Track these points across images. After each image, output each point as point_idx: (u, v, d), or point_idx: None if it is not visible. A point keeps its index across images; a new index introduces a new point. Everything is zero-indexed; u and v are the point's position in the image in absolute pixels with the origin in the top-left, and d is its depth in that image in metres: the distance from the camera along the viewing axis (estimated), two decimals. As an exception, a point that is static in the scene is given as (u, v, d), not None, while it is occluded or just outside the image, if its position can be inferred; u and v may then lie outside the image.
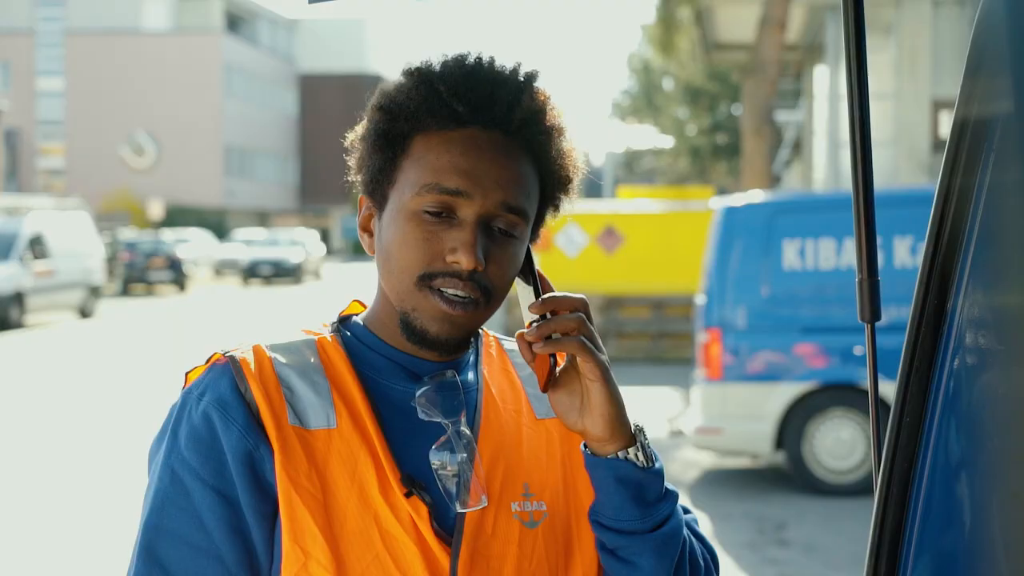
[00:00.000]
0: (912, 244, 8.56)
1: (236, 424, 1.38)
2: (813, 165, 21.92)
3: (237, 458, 1.37)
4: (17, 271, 22.39)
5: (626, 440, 1.39)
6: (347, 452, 1.39)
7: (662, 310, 17.00)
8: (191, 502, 1.37)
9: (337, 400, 1.42)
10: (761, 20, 16.56)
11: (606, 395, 1.37)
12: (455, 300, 1.38)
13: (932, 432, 1.23)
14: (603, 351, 1.38)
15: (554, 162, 1.45)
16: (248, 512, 1.37)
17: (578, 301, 1.38)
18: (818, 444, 8.74)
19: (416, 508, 1.37)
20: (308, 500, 1.36)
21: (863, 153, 1.33)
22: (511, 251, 1.41)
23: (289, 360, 1.44)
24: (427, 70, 1.42)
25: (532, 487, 1.45)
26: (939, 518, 1.24)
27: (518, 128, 1.41)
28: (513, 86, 1.42)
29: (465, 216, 1.38)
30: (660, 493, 1.40)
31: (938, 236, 1.24)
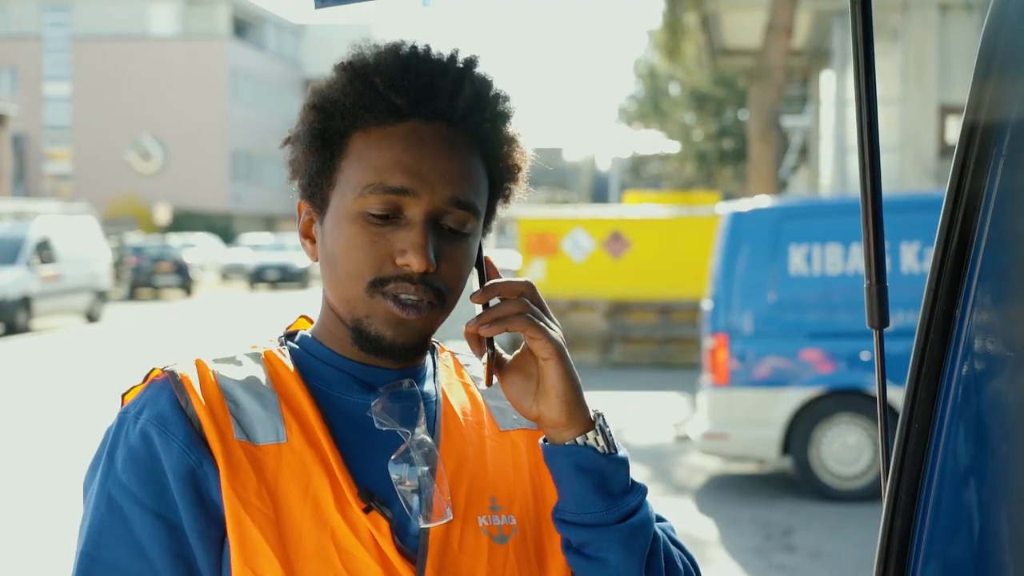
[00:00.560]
0: (919, 250, 8.55)
1: (177, 440, 1.29)
2: (819, 170, 21.90)
3: (179, 477, 1.28)
4: (24, 275, 22.42)
5: (584, 425, 1.31)
6: (299, 467, 1.31)
7: (668, 315, 16.99)
8: (130, 529, 1.28)
9: (286, 413, 1.34)
10: (767, 26, 16.55)
11: (560, 373, 1.29)
12: (408, 304, 1.31)
13: (941, 438, 1.23)
14: (556, 329, 1.31)
15: (502, 151, 1.38)
16: (192, 536, 1.28)
17: (521, 285, 1.32)
18: (825, 450, 8.73)
19: (376, 524, 1.30)
20: (258, 519, 1.28)
21: (871, 158, 1.32)
22: (464, 249, 1.34)
23: (233, 374, 1.36)
24: (361, 63, 1.35)
25: (499, 500, 1.38)
26: (948, 524, 1.23)
27: (461, 118, 1.34)
28: (454, 74, 1.34)
29: (413, 215, 1.31)
30: (625, 484, 1.32)
31: (947, 241, 1.23)
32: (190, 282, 35.31)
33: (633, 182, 47.64)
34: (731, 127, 38.60)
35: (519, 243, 17.54)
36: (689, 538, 7.86)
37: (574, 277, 17.16)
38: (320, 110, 1.36)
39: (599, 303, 17.05)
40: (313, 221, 1.40)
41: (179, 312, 28.94)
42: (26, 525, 8.17)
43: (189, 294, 35.35)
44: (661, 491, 9.24)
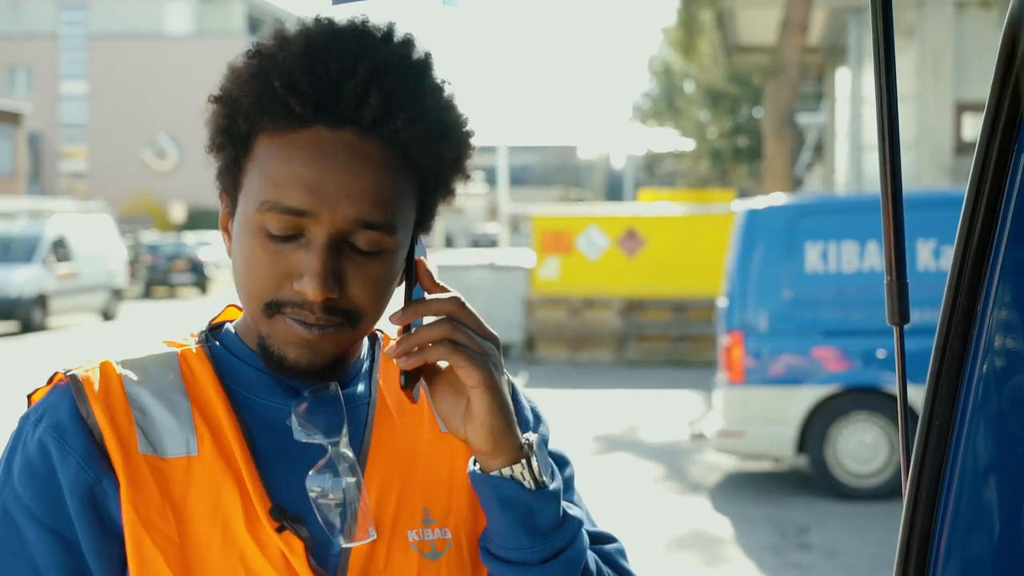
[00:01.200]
0: (935, 247, 8.52)
1: (74, 454, 1.20)
2: (835, 168, 21.86)
3: (75, 494, 1.19)
4: (40, 274, 22.52)
5: (511, 455, 1.21)
6: (209, 482, 1.21)
7: (683, 313, 16.97)
8: (24, 546, 1.19)
9: (199, 422, 1.24)
10: (782, 23, 16.53)
11: (486, 404, 1.19)
12: (311, 325, 1.20)
13: (962, 436, 1.23)
14: (489, 353, 1.21)
15: (431, 152, 1.23)
16: (90, 556, 1.19)
17: (447, 303, 1.21)
18: (840, 448, 8.71)
19: (289, 544, 1.20)
20: (160, 540, 1.19)
21: (891, 154, 1.32)
22: (379, 268, 1.21)
23: (143, 378, 1.26)
24: (265, 55, 1.21)
25: (433, 513, 1.28)
26: (968, 522, 1.23)
27: (373, 124, 1.19)
28: (363, 74, 1.18)
29: (313, 236, 1.18)
30: (554, 520, 1.22)
31: (968, 237, 1.23)
32: (205, 280, 35.41)
33: (647, 180, 47.64)
34: (746, 124, 38.56)
35: (533, 241, 17.54)
36: (704, 536, 7.85)
37: (589, 275, 17.15)
38: (224, 104, 1.24)
39: (614, 301, 17.04)
40: (228, 216, 1.30)
41: (194, 310, 29.03)
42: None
43: (204, 292, 35.44)
44: (676, 489, 9.23)
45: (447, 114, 1.25)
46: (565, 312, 17.20)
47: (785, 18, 16.40)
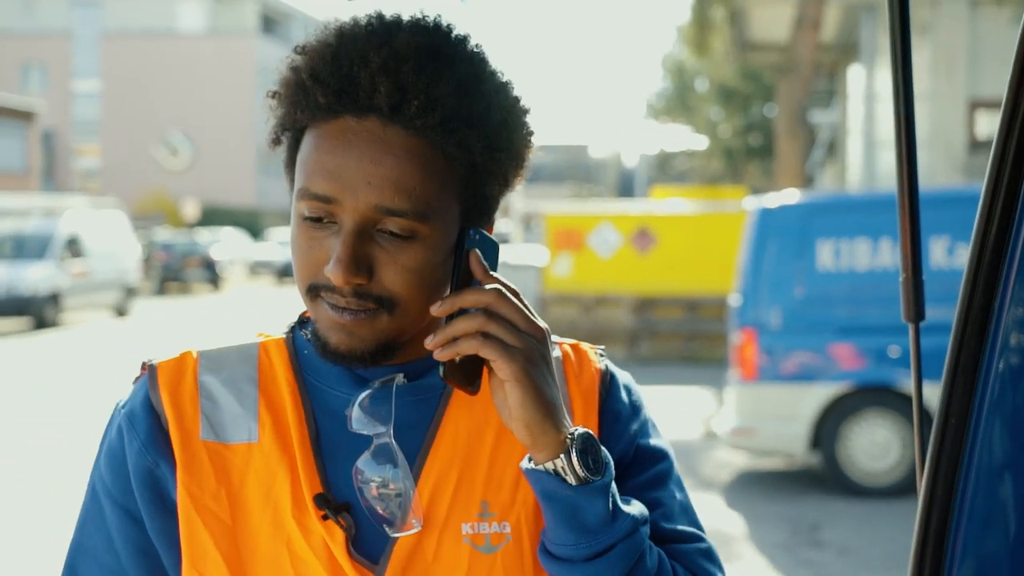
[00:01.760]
0: (949, 245, 8.50)
1: (138, 439, 1.29)
2: (847, 165, 21.80)
3: (137, 476, 1.28)
4: (54, 271, 22.57)
5: (553, 450, 1.19)
6: (265, 468, 1.26)
7: (695, 311, 16.96)
8: (104, 519, 1.30)
9: (263, 411, 1.29)
10: (795, 20, 16.49)
11: (518, 397, 1.18)
12: (344, 309, 1.22)
13: (978, 434, 1.22)
14: (526, 348, 1.19)
15: (451, 140, 1.22)
16: (153, 534, 1.27)
17: (486, 295, 1.20)
18: (853, 445, 8.69)
19: (331, 532, 1.23)
20: (211, 522, 1.25)
21: (908, 152, 1.31)
22: (409, 256, 1.21)
23: (217, 367, 1.32)
24: (299, 52, 1.26)
25: (493, 506, 1.27)
26: (984, 520, 1.23)
27: (391, 112, 1.20)
28: (376, 63, 1.20)
29: (342, 223, 1.21)
30: (603, 516, 1.20)
31: (984, 235, 1.22)
32: (218, 277, 35.50)
33: (660, 178, 47.58)
34: (758, 122, 38.49)
35: (546, 238, 17.54)
36: (717, 533, 7.84)
37: (601, 272, 17.15)
38: (274, 100, 1.29)
39: (626, 298, 17.03)
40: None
41: (207, 307, 29.09)
42: (51, 521, 8.23)
43: (217, 289, 35.52)
44: (688, 486, 9.10)
45: (475, 102, 1.23)
46: (577, 310, 17.20)
47: (798, 15, 16.37)
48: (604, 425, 1.34)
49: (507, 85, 1.29)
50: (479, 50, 1.28)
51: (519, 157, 1.30)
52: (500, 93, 1.27)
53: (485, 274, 1.24)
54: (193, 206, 47.73)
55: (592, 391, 1.36)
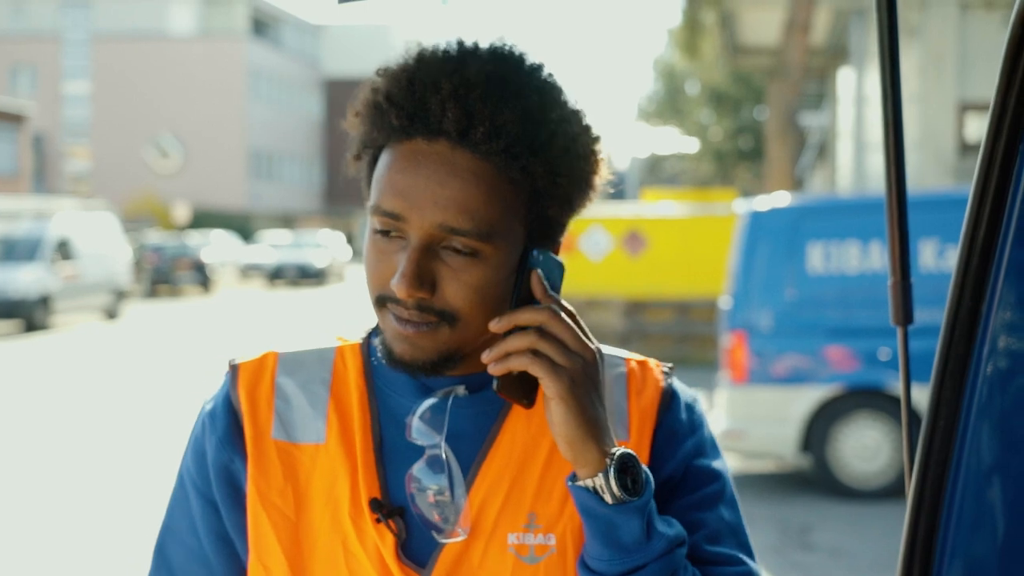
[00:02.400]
0: (938, 248, 8.52)
1: (216, 435, 1.37)
2: (837, 168, 21.84)
3: (216, 470, 1.37)
4: (44, 274, 22.52)
5: (593, 467, 1.24)
6: (329, 469, 1.34)
7: (686, 313, 16.96)
8: (189, 507, 1.39)
9: (331, 414, 1.36)
10: (786, 24, 16.52)
11: (560, 414, 1.23)
12: (407, 321, 1.28)
13: (966, 436, 1.23)
14: (573, 368, 1.25)
15: (513, 165, 1.27)
16: (229, 525, 1.36)
17: (540, 314, 1.26)
18: (843, 448, 8.71)
19: (382, 536, 1.30)
20: (275, 516, 1.33)
21: (896, 155, 1.32)
22: (472, 274, 1.27)
23: (294, 369, 1.40)
24: (379, 75, 1.32)
25: (540, 519, 1.32)
26: (972, 523, 1.23)
27: (461, 136, 1.25)
28: (447, 90, 1.25)
29: (409, 239, 1.27)
30: (637, 536, 1.24)
31: (972, 238, 1.23)
32: (208, 280, 35.45)
33: (650, 180, 47.62)
34: (749, 125, 38.55)
35: (537, 241, 17.50)
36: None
37: (592, 275, 17.14)
38: (359, 119, 1.35)
39: (616, 301, 17.03)
40: None
41: (198, 310, 29.03)
42: (42, 523, 8.21)
43: (208, 292, 35.46)
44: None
45: (537, 129, 1.28)
46: (568, 312, 17.18)
47: (788, 19, 16.40)
48: (658, 442, 1.38)
49: (577, 113, 1.34)
50: (550, 79, 1.33)
51: (583, 182, 1.34)
52: (567, 121, 1.32)
53: (544, 294, 1.29)
54: (183, 208, 47.65)
55: (651, 408, 1.39)
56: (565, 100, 1.33)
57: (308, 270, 40.84)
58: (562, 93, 1.33)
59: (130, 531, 7.81)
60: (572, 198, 1.34)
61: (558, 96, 1.32)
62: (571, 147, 1.31)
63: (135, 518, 8.12)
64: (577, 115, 1.34)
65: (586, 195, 1.36)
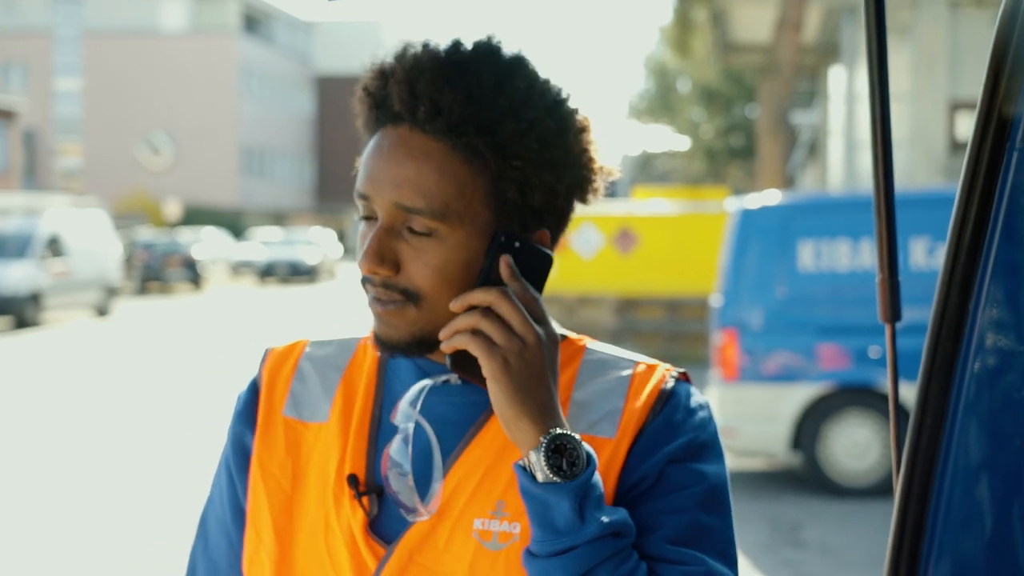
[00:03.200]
0: (929, 246, 8.53)
1: (237, 410, 1.47)
2: (828, 166, 21.87)
3: (232, 443, 1.47)
4: (34, 270, 22.47)
5: (527, 447, 1.25)
6: (327, 447, 1.40)
7: (677, 311, 16.97)
8: (220, 480, 1.48)
9: (338, 396, 1.42)
10: (777, 22, 16.54)
11: (495, 393, 1.26)
12: (376, 299, 1.33)
13: (953, 434, 1.23)
14: (511, 348, 1.26)
15: (467, 146, 1.30)
16: (241, 496, 1.45)
17: (489, 295, 1.28)
18: (834, 445, 8.72)
19: (354, 511, 1.34)
20: (271, 487, 1.40)
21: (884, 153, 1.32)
22: (430, 250, 1.30)
23: (318, 353, 1.47)
24: (365, 71, 1.39)
25: (508, 507, 1.32)
26: (960, 519, 1.23)
27: (411, 116, 1.31)
28: (399, 73, 1.32)
29: (378, 219, 1.33)
30: (569, 518, 1.23)
31: (960, 237, 1.23)
32: (199, 277, 35.40)
33: (642, 178, 47.64)
34: (740, 123, 38.58)
35: (528, 239, 17.49)
36: (698, 534, 7.86)
37: (583, 273, 17.14)
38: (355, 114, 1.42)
39: (608, 299, 17.04)
40: None
41: (188, 307, 29.00)
42: (34, 521, 8.19)
43: (199, 289, 35.41)
44: (670, 487, 9.22)
45: (484, 109, 1.30)
46: (559, 310, 17.19)
47: (780, 17, 16.42)
48: (639, 442, 1.35)
49: (557, 104, 1.34)
50: (524, 68, 1.34)
51: (551, 169, 1.33)
52: (528, 107, 1.31)
53: (511, 278, 1.31)
54: (175, 205, 47.59)
55: (643, 410, 1.37)
56: (536, 88, 1.33)
57: (299, 267, 40.80)
58: (534, 81, 1.34)
59: (123, 528, 7.80)
60: (534, 183, 1.32)
61: (527, 83, 1.33)
62: (529, 131, 1.31)
63: (128, 515, 8.11)
64: (557, 106, 1.34)
65: (566, 184, 1.35)
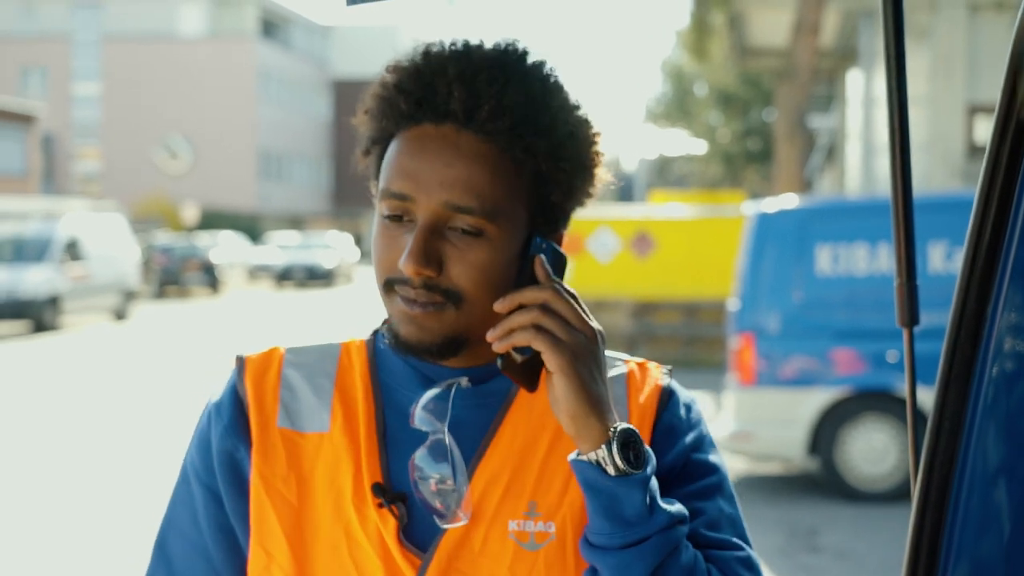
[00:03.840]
0: (947, 250, 8.50)
1: (222, 423, 1.40)
2: (846, 170, 21.82)
3: (220, 459, 1.39)
4: (53, 274, 22.56)
5: (596, 441, 1.26)
6: (333, 457, 1.36)
7: (694, 315, 16.95)
8: (192, 500, 1.41)
9: (336, 404, 1.39)
10: (794, 25, 16.50)
11: (563, 388, 1.25)
12: (413, 301, 1.31)
13: (971, 438, 1.23)
14: (575, 343, 1.27)
15: (524, 148, 1.32)
16: (231, 514, 1.39)
17: (543, 293, 1.28)
18: (851, 450, 8.69)
19: (384, 520, 1.32)
20: (278, 503, 1.36)
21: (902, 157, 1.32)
22: (476, 250, 1.30)
23: (300, 361, 1.43)
24: (388, 68, 1.37)
25: (540, 507, 1.34)
26: (978, 524, 1.23)
27: (466, 118, 1.30)
28: (453, 73, 1.31)
29: (417, 220, 1.31)
30: (639, 508, 1.25)
31: (978, 241, 1.23)
32: (217, 281, 35.49)
33: (658, 182, 47.59)
34: (757, 127, 38.51)
35: (545, 243, 17.50)
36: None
37: (600, 277, 17.13)
38: (368, 115, 1.39)
39: (625, 303, 17.02)
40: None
41: (206, 311, 29.07)
42: (49, 523, 8.22)
43: (216, 293, 35.50)
44: (687, 491, 9.20)
45: (541, 112, 1.33)
46: (576, 314, 17.17)
47: (797, 21, 16.39)
48: (657, 436, 1.40)
49: (577, 107, 1.38)
50: (552, 73, 1.38)
51: (587, 172, 1.38)
52: (568, 111, 1.36)
53: (547, 278, 1.31)
54: (192, 209, 47.72)
55: (651, 406, 1.42)
56: (566, 92, 1.38)
57: (316, 271, 40.88)
58: (563, 86, 1.38)
59: (137, 531, 7.82)
60: (574, 186, 1.38)
61: (559, 87, 1.37)
62: (574, 134, 1.36)
63: (142, 518, 8.13)
64: (578, 108, 1.38)
65: (588, 187, 1.40)
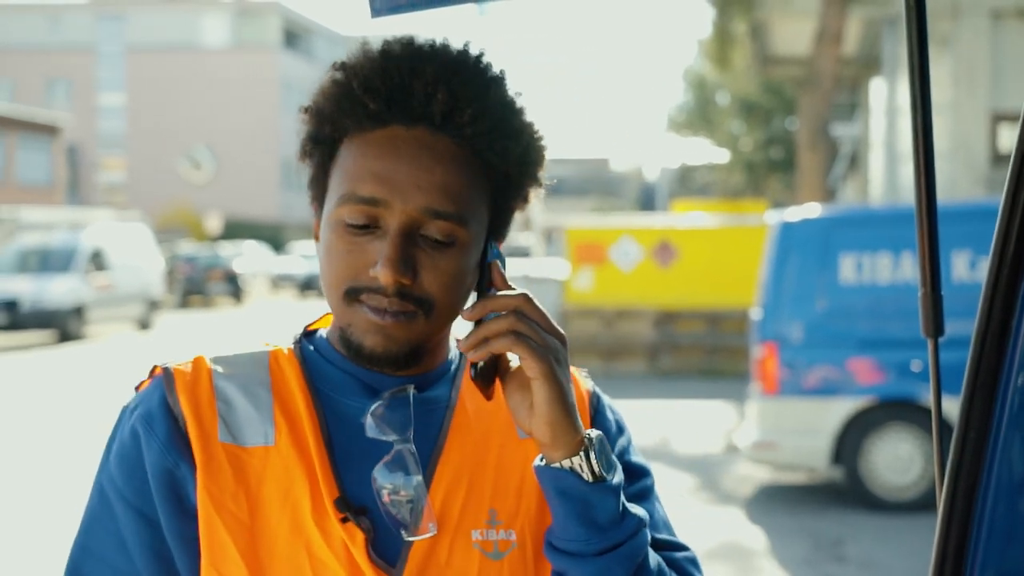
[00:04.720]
0: (971, 258, 8.46)
1: (157, 440, 1.29)
2: (869, 179, 21.73)
3: (157, 477, 1.29)
4: (78, 284, 22.68)
5: (571, 448, 1.23)
6: (283, 471, 1.29)
7: (717, 324, 16.92)
8: (116, 523, 1.31)
9: (278, 416, 1.32)
10: (817, 34, 16.46)
11: (545, 394, 1.22)
12: (384, 311, 1.26)
13: (997, 448, 1.22)
14: (552, 348, 1.24)
15: (500, 152, 1.30)
16: (170, 536, 1.29)
17: (515, 299, 1.24)
18: (875, 459, 8.65)
19: (351, 534, 1.27)
20: (230, 522, 1.27)
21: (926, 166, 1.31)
22: (448, 259, 1.27)
23: (231, 372, 1.35)
24: (348, 66, 1.30)
25: (500, 515, 1.32)
26: (1004, 535, 1.22)
27: (443, 121, 1.27)
28: (430, 74, 1.26)
29: (388, 226, 1.26)
30: (613, 514, 1.24)
31: (1003, 250, 1.22)
32: (240, 291, 35.61)
33: (681, 191, 47.52)
34: (780, 136, 38.39)
35: (567, 252, 17.53)
36: (738, 548, 7.82)
37: (622, 286, 17.13)
38: (312, 114, 1.33)
39: (647, 312, 17.01)
40: (318, 225, 1.37)
41: (229, 320, 29.16)
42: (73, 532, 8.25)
43: (240, 302, 35.62)
44: (710, 500, 9.20)
45: (513, 116, 1.31)
46: (598, 323, 17.18)
47: (820, 29, 16.35)
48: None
49: (524, 108, 1.35)
50: (502, 74, 1.34)
51: (537, 181, 1.37)
52: (526, 115, 1.34)
53: (505, 284, 1.29)
54: (216, 219, 47.88)
55: (583, 412, 1.40)
56: (518, 92, 1.35)
57: (339, 281, 40.96)
58: (512, 87, 1.35)
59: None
60: (528, 189, 1.36)
61: (517, 91, 1.35)
62: (535, 136, 1.34)
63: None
64: (525, 109, 1.36)
65: (533, 196, 1.38)
